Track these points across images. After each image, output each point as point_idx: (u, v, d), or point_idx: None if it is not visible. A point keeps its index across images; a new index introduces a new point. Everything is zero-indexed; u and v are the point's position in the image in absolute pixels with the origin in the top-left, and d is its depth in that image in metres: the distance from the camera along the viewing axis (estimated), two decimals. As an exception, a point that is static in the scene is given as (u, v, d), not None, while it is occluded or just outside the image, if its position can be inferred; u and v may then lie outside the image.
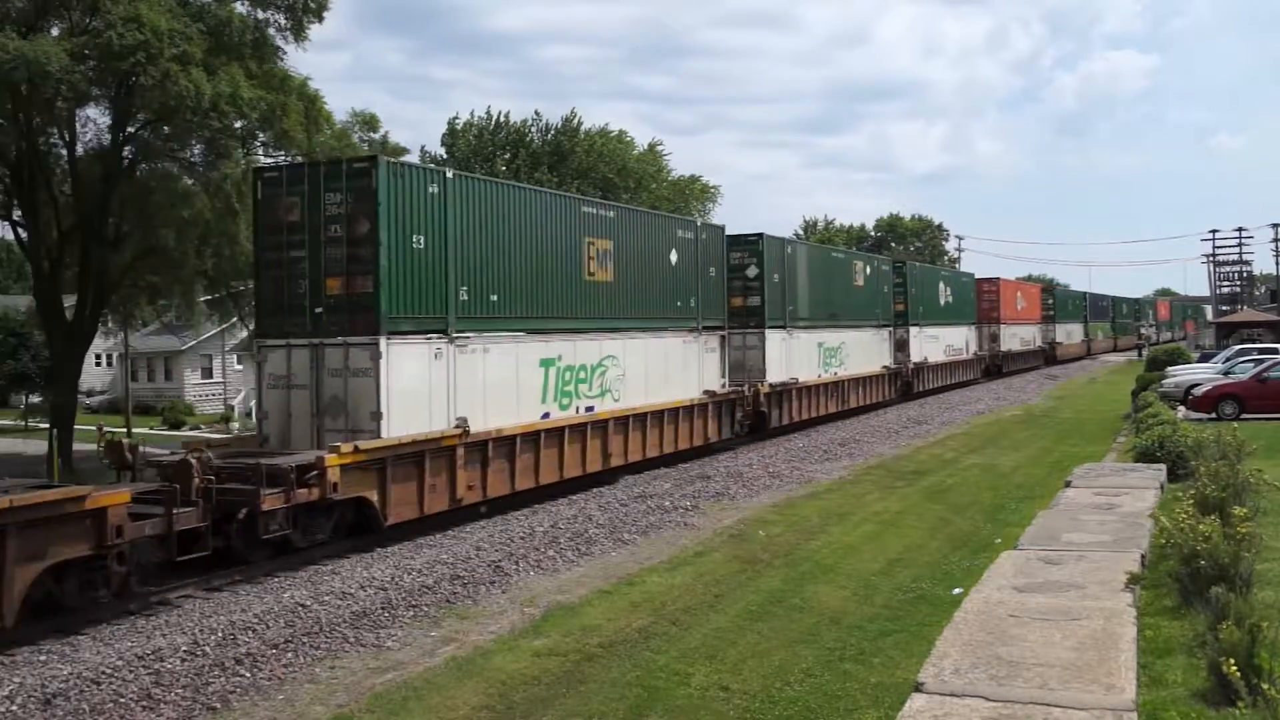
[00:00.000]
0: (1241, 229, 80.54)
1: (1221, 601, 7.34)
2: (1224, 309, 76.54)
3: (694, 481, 19.76)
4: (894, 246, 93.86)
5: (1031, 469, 21.32)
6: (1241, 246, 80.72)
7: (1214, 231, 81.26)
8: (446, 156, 54.49)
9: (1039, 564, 9.51)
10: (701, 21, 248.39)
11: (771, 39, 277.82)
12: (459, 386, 15.47)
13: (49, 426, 26.38)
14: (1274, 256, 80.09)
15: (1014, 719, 5.76)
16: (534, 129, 56.33)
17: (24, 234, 26.86)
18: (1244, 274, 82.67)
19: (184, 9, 23.36)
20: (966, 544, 14.32)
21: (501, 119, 56.08)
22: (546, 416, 17.61)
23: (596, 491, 18.72)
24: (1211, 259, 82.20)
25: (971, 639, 7.18)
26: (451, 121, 55.75)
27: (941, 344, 42.23)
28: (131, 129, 25.88)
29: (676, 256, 21.77)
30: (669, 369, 21.45)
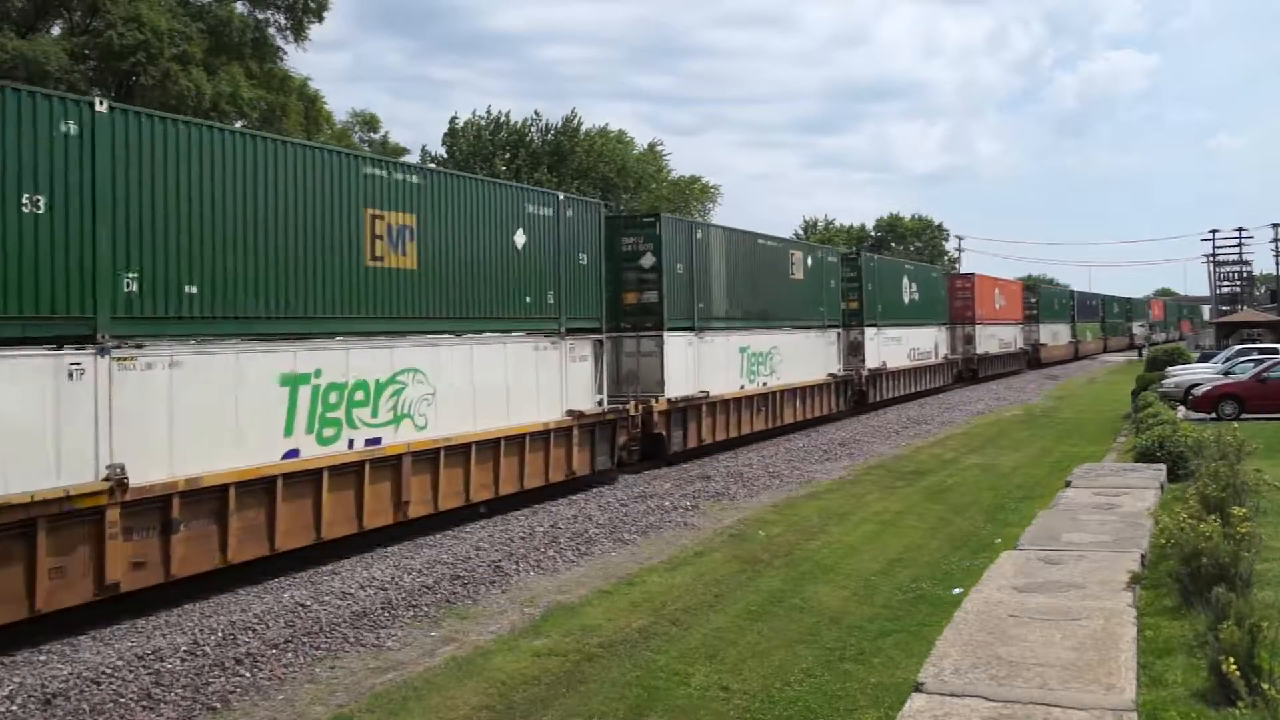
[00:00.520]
0: (1241, 229, 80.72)
1: (1222, 601, 7.35)
2: (1224, 309, 76.54)
3: (694, 481, 19.76)
4: (894, 246, 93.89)
5: (1031, 469, 21.32)
6: (1241, 246, 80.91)
7: (1214, 231, 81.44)
8: (447, 156, 54.54)
9: (1039, 564, 9.52)
10: (702, 21, 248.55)
11: (772, 39, 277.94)
12: (118, 419, 10.61)
13: None
14: (1274, 256, 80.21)
15: (1014, 719, 5.76)
16: (534, 129, 56.37)
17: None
18: (1244, 274, 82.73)
19: (184, 9, 23.40)
20: (966, 544, 14.32)
21: (502, 119, 56.10)
22: (293, 455, 12.72)
23: (596, 491, 18.71)
24: (1211, 259, 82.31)
25: (971, 639, 7.18)
26: (451, 121, 55.82)
27: (904, 347, 37.66)
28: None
29: (525, 239, 16.98)
30: (513, 384, 16.60)
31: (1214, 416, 25.26)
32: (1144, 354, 60.41)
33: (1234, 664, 6.35)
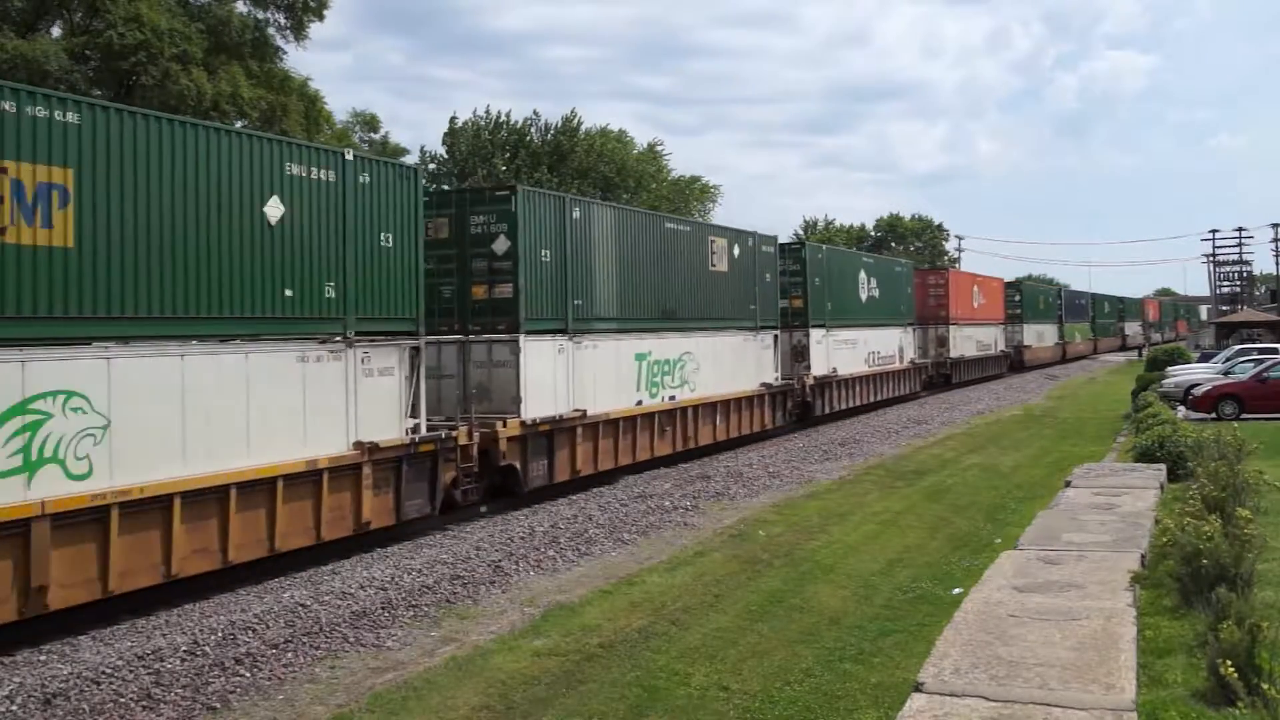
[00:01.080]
0: (1241, 229, 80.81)
1: (1222, 601, 7.35)
2: (1224, 309, 76.57)
3: (694, 481, 19.76)
4: (894, 246, 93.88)
5: (1031, 469, 21.32)
6: (1241, 246, 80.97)
7: (1214, 231, 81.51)
8: (447, 156, 54.54)
9: (1039, 564, 9.52)
10: (702, 21, 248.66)
11: (772, 39, 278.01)
12: None
13: None
14: (1274, 256, 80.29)
15: (1014, 719, 5.76)
16: (534, 129, 56.37)
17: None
18: (1244, 274, 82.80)
19: (183, 9, 23.40)
20: (966, 544, 14.32)
21: (501, 118, 56.09)
22: None
23: (596, 491, 18.71)
24: (1211, 259, 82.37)
25: (971, 639, 7.18)
26: (451, 122, 55.81)
27: (861, 351, 33.37)
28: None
29: (284, 211, 12.74)
30: (259, 408, 12.33)
31: (1214, 416, 25.26)
32: (1144, 354, 60.20)
33: (1234, 665, 6.35)
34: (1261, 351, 34.41)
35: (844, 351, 31.74)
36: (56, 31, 23.54)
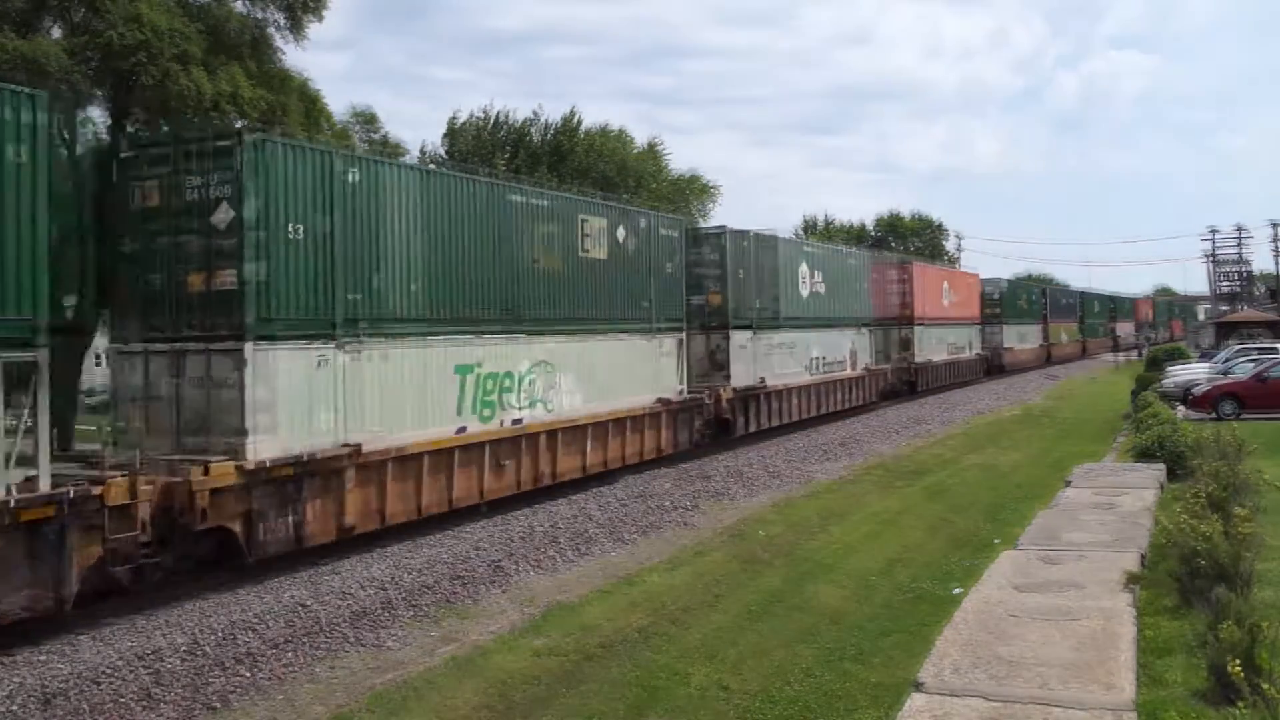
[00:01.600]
0: (1241, 227, 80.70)
1: (1221, 601, 7.35)
2: (1224, 308, 76.59)
3: (694, 481, 19.76)
4: (894, 245, 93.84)
5: (1031, 468, 21.32)
6: (1241, 245, 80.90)
7: (1213, 230, 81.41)
8: (446, 155, 54.52)
9: (1039, 563, 9.53)
10: (703, 20, 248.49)
11: (773, 38, 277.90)
12: None
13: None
14: (1273, 255, 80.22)
15: (1014, 718, 5.77)
16: (534, 128, 56.35)
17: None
18: (1243, 272, 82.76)
19: (181, 8, 23.37)
20: (966, 543, 14.32)
21: (501, 117, 56.08)
22: None
23: (596, 491, 18.71)
24: (1211, 257, 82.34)
25: (971, 638, 7.19)
26: (451, 121, 55.79)
27: (800, 357, 28.22)
28: (131, 129, 25.87)
29: None
30: None
31: (1214, 416, 25.26)
32: (1142, 355, 59.85)
33: (1234, 664, 6.35)
34: (1260, 350, 34.42)
35: (778, 358, 26.68)
36: (56, 31, 23.55)
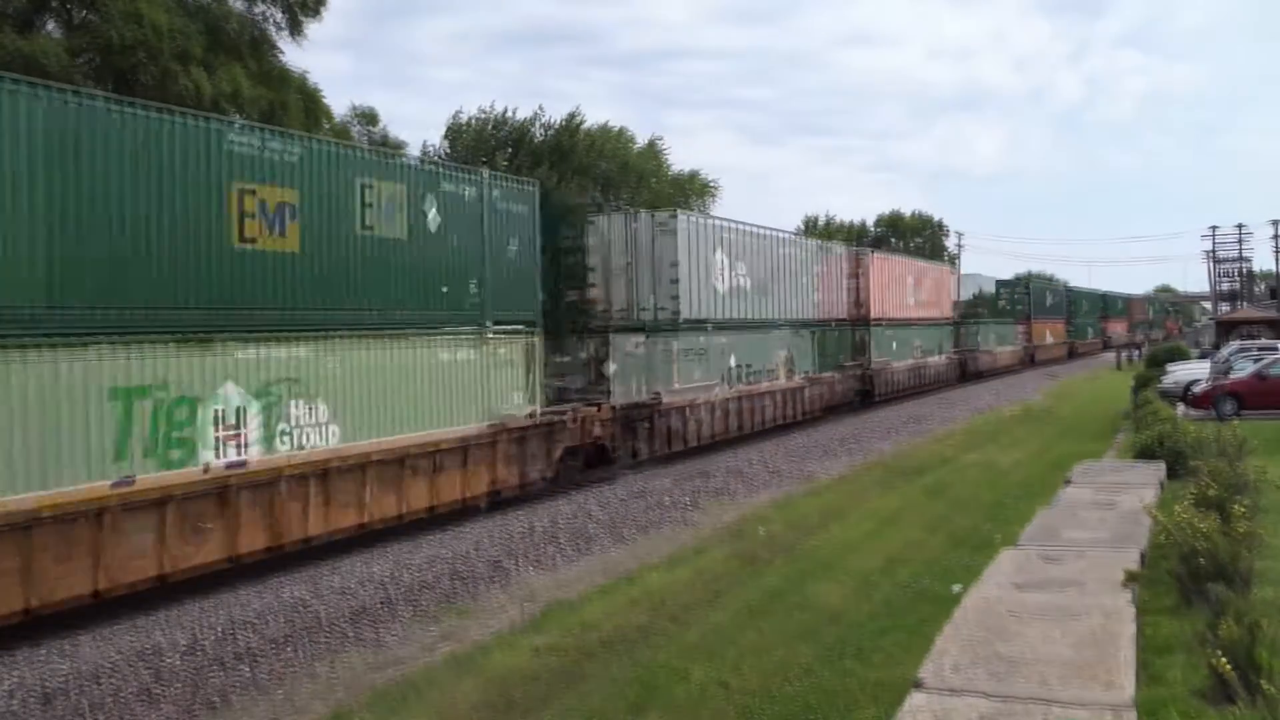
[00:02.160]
0: (1241, 225, 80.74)
1: (1221, 599, 7.35)
2: (1225, 306, 76.58)
3: (694, 479, 19.76)
4: (894, 243, 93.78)
5: (1031, 466, 21.30)
6: (1241, 243, 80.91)
7: (1214, 228, 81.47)
8: (448, 153, 54.49)
9: (1039, 561, 9.52)
10: (703, 19, 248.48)
11: (774, 38, 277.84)
12: None
13: None
14: (1274, 253, 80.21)
15: (1014, 716, 5.76)
16: (535, 127, 56.33)
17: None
18: (1244, 271, 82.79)
19: (181, 7, 23.39)
20: (966, 541, 14.31)
21: (502, 115, 56.05)
22: None
23: (596, 489, 18.71)
24: (1211, 256, 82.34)
25: (971, 636, 7.19)
26: (454, 117, 55.78)
27: (715, 365, 22.97)
28: None
29: None
30: None
31: (1214, 414, 25.25)
32: (1141, 355, 59.51)
33: (1222, 661, 6.35)
34: (1261, 349, 34.41)
35: (681, 367, 21.55)
36: (57, 32, 23.55)
